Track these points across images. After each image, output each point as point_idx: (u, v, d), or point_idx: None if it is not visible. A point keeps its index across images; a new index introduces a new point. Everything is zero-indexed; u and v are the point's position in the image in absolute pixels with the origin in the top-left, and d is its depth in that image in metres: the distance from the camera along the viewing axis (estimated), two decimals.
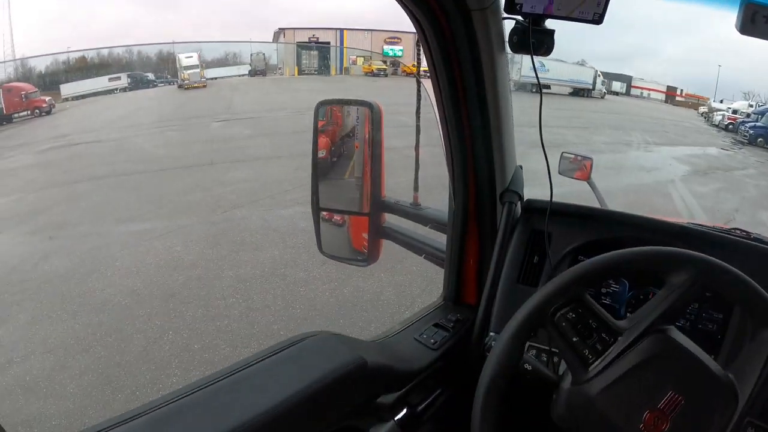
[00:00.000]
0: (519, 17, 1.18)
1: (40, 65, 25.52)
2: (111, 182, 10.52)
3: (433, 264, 1.64)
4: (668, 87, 28.46)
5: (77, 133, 16.36)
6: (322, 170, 1.74)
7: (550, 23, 1.18)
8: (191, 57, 27.41)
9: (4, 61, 24.31)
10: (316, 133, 1.69)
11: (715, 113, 21.10)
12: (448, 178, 1.49)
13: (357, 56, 29.99)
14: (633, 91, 28.83)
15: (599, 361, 0.96)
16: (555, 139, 12.80)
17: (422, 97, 1.61)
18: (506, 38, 1.25)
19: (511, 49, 1.23)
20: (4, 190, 10.68)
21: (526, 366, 1.01)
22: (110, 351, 4.74)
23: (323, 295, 5.42)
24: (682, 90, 27.99)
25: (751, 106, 20.34)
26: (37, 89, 21.73)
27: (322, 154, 1.73)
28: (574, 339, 0.97)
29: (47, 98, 21.61)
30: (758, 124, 17.48)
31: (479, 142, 1.39)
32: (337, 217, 1.78)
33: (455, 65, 1.28)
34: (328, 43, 30.60)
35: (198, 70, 27.27)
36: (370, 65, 29.56)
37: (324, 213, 1.75)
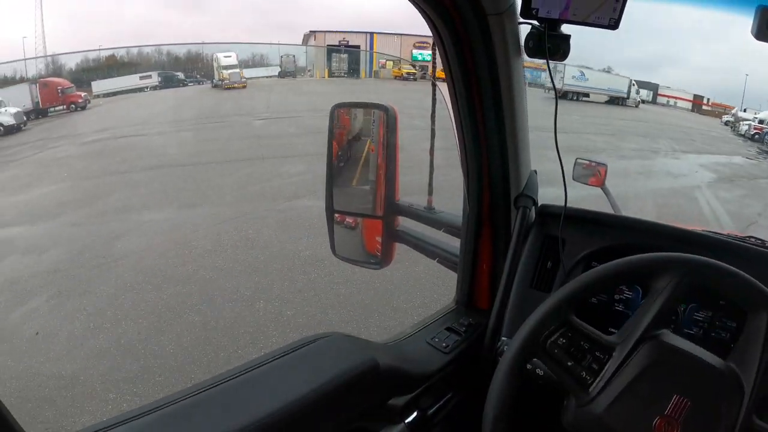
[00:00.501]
0: (535, 22, 1.17)
1: (71, 62, 26.16)
2: (166, 172, 11.03)
3: (446, 268, 1.65)
4: (695, 96, 28.40)
5: (119, 127, 16.90)
6: (336, 173, 1.73)
7: (566, 28, 1.19)
8: (230, 57, 27.41)
9: (36, 57, 25.16)
10: (332, 135, 1.69)
11: (741, 123, 21.01)
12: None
13: (387, 60, 30.43)
14: (659, 99, 28.76)
15: (598, 380, 0.96)
16: (586, 144, 13.48)
17: (438, 100, 1.62)
18: (522, 43, 1.25)
19: (527, 54, 1.23)
20: (56, 177, 11.31)
21: (538, 371, 1.01)
22: (204, 317, 5.10)
23: (398, 273, 5.64)
24: (708, 99, 27.94)
25: None
26: (73, 85, 22.19)
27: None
28: (569, 363, 0.97)
29: (83, 94, 22.18)
30: None
31: (494, 146, 1.38)
32: (349, 220, 1.78)
33: (471, 69, 1.27)
34: (358, 46, 31.13)
35: (238, 70, 27.22)
36: (399, 69, 29.90)
37: (336, 215, 1.75)
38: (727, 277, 0.96)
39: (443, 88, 1.39)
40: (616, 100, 25.76)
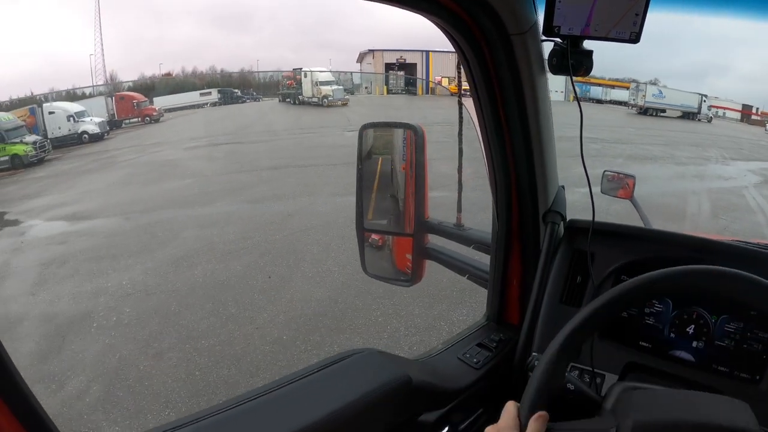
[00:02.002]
0: (558, 39, 1.20)
1: (127, 79, 27.84)
2: (291, 171, 12.17)
3: (477, 284, 1.66)
4: (743, 105, 28.71)
5: (212, 136, 18.24)
6: (366, 191, 1.76)
7: (588, 44, 1.20)
8: (325, 72, 27.46)
9: (97, 86, 26.94)
10: (361, 155, 1.71)
11: None
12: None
13: (442, 77, 31.52)
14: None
15: None
16: (644, 153, 14.92)
17: (465, 118, 1.62)
18: (546, 60, 1.26)
19: (551, 71, 1.24)
20: (180, 174, 12.98)
21: (569, 386, 1.01)
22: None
23: None
24: (757, 108, 28.31)
25: None
26: (147, 99, 23.82)
27: None
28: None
29: (157, 107, 23.85)
30: None
31: (522, 163, 1.38)
32: (375, 236, 1.80)
33: (496, 88, 1.28)
34: (415, 64, 32.38)
35: (340, 86, 27.31)
36: (456, 85, 30.63)
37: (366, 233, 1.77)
38: (757, 290, 0.92)
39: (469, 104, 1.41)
40: (688, 115, 26.73)
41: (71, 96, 24.74)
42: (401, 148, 1.73)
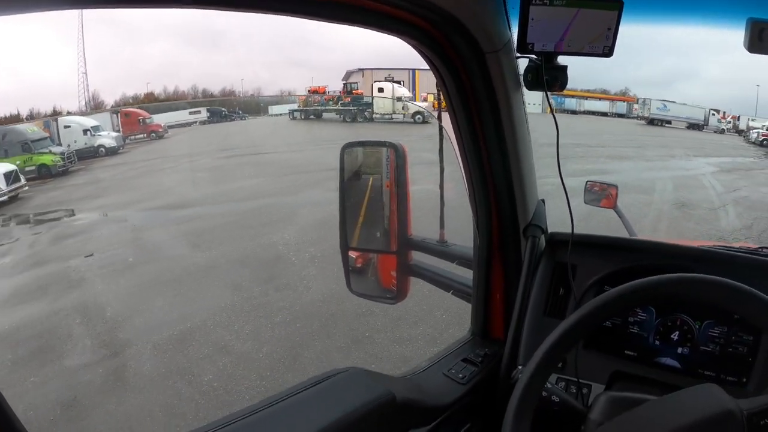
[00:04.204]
0: (532, 56, 1.21)
1: (109, 99, 27.52)
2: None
3: (461, 299, 1.66)
4: (711, 110, 29.12)
5: (237, 148, 18.85)
6: (349, 211, 1.80)
7: (562, 59, 1.23)
8: (402, 87, 25.98)
9: (82, 108, 26.41)
10: (343, 174, 1.76)
11: (751, 131, 22.86)
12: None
13: (427, 93, 30.98)
14: None
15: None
16: (620, 153, 18.06)
17: (444, 137, 1.61)
18: (521, 76, 1.27)
19: (527, 87, 1.27)
20: (241, 176, 13.84)
21: (554, 398, 1.04)
22: None
23: None
24: (724, 112, 29.01)
25: None
26: (152, 116, 23.95)
27: None
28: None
29: (162, 124, 24.03)
30: None
31: (500, 179, 1.41)
32: (352, 255, 1.85)
33: (472, 106, 1.30)
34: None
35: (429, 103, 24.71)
36: (441, 101, 31.17)
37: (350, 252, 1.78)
38: (739, 297, 0.95)
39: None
40: (694, 126, 27.84)
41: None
42: (385, 166, 1.75)
